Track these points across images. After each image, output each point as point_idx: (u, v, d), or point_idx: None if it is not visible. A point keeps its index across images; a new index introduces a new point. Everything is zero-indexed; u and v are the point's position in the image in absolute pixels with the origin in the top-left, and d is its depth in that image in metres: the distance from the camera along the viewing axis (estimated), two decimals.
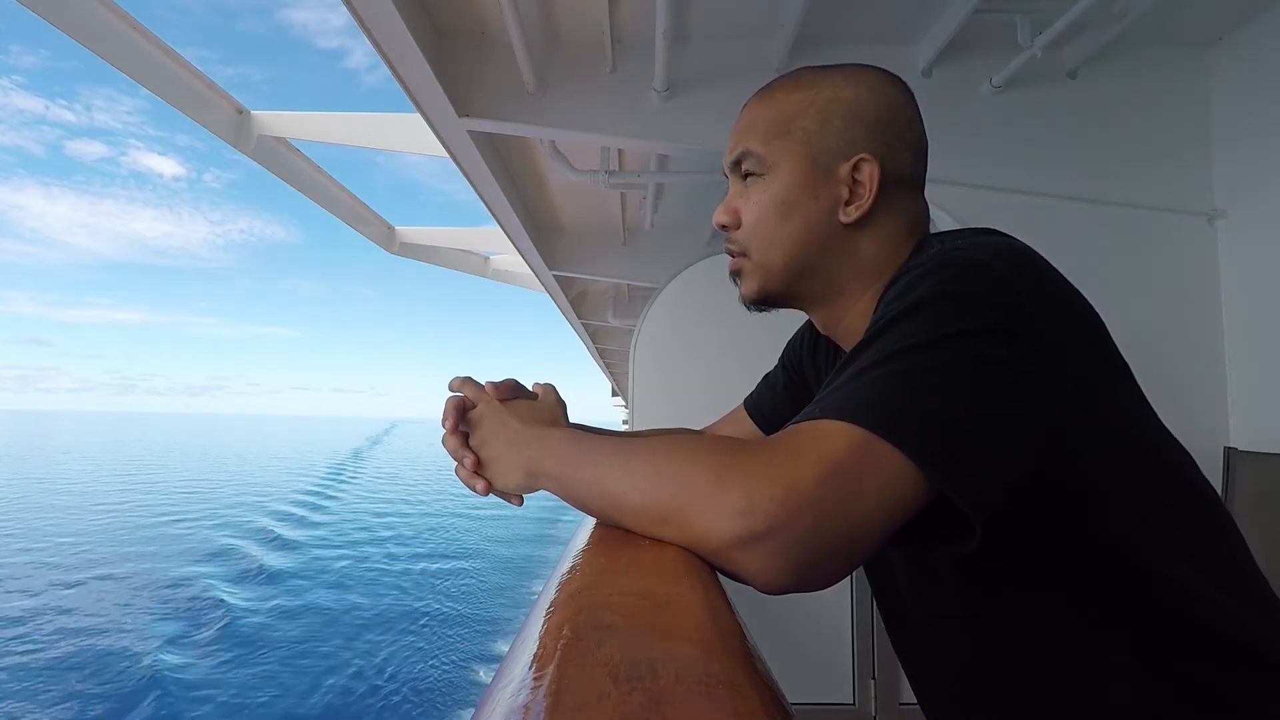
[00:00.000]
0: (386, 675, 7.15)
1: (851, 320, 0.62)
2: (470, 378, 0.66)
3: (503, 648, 7.75)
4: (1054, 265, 0.51)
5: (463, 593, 10.60)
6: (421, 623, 8.83)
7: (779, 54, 1.84)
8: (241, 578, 11.01)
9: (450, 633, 8.50)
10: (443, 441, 0.63)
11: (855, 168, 0.58)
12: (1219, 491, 1.73)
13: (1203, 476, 0.52)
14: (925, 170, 0.63)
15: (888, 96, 0.60)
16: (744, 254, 0.63)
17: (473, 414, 0.63)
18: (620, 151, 2.65)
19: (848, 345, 0.65)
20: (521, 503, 0.61)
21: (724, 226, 0.64)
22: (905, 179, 0.60)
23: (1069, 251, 1.88)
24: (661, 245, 3.79)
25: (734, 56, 1.92)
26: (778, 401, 0.82)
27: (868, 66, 0.62)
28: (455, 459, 0.62)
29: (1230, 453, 1.76)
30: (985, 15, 1.70)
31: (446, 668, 7.45)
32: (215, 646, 7.96)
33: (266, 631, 8.45)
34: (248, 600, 9.76)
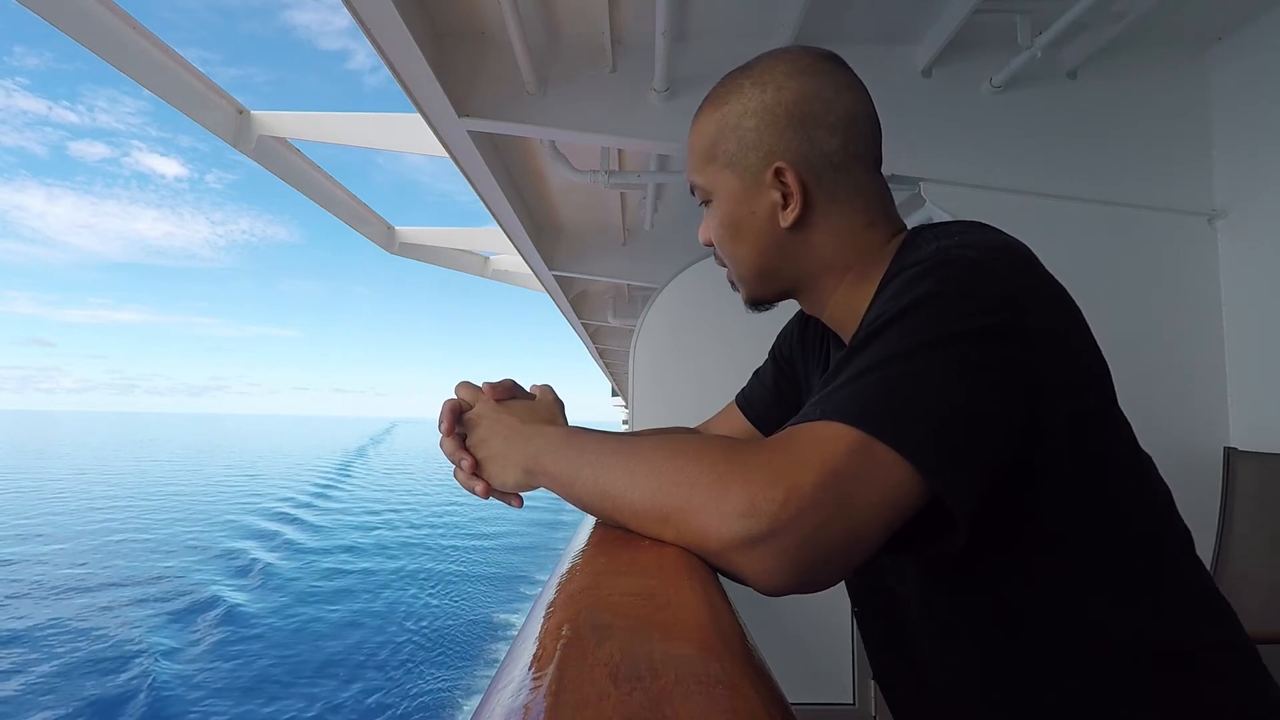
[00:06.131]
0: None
1: (835, 305, 0.63)
2: (468, 381, 0.66)
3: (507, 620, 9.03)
4: (1053, 265, 0.51)
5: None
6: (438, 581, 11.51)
7: None
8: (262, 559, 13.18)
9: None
10: (440, 445, 0.63)
11: (776, 174, 0.58)
12: (1219, 491, 1.73)
13: (1164, 484, 0.54)
14: (867, 141, 0.60)
15: (796, 87, 0.58)
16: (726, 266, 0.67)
17: (469, 415, 0.63)
18: (620, 151, 2.65)
19: (837, 328, 0.66)
20: (521, 504, 0.61)
21: (709, 245, 0.68)
22: (840, 162, 0.59)
23: (1069, 251, 1.89)
24: (661, 245, 3.79)
25: (734, 56, 1.91)
26: (767, 395, 0.83)
27: (779, 56, 0.61)
28: (452, 461, 0.61)
29: (1230, 453, 1.76)
30: (985, 15, 1.70)
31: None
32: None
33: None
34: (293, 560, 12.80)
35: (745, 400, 0.86)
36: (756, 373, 0.86)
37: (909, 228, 0.62)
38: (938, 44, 1.80)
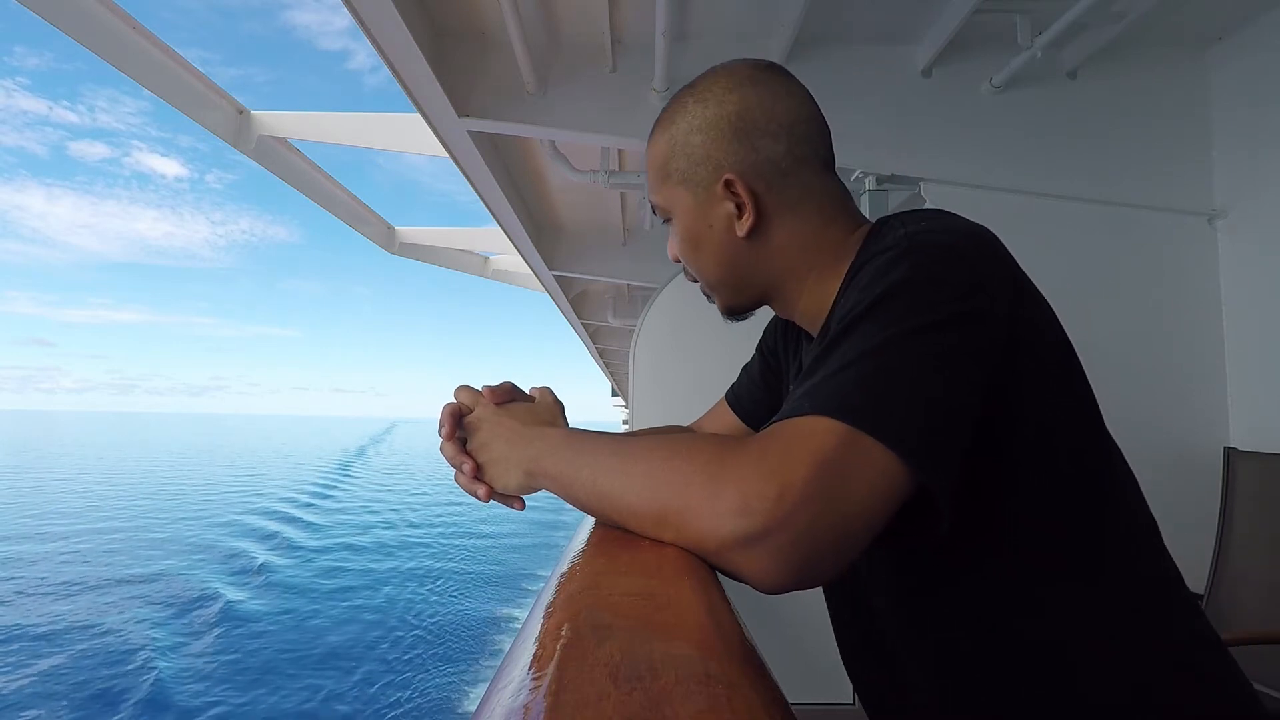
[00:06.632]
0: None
1: (804, 306, 0.63)
2: (467, 385, 0.66)
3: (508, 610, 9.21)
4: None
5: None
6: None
7: (779, 54, 1.84)
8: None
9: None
10: (441, 449, 0.62)
11: (726, 186, 0.60)
12: (1219, 491, 1.73)
13: (1130, 472, 0.55)
14: (813, 143, 0.61)
15: (737, 99, 0.60)
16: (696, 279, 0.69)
17: (470, 419, 0.63)
18: (620, 151, 2.65)
19: (809, 326, 0.66)
20: (523, 506, 0.61)
21: (677, 260, 0.69)
22: (787, 167, 0.60)
23: (1069, 251, 1.89)
24: (661, 245, 3.78)
25: (734, 57, 1.92)
26: (755, 390, 0.83)
27: (719, 71, 0.63)
28: (453, 465, 0.61)
29: (1230, 453, 1.76)
30: (985, 15, 1.70)
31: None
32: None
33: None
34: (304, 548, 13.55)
35: (734, 396, 0.86)
36: (745, 368, 0.87)
37: (873, 221, 0.62)
38: (938, 44, 1.80)
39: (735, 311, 0.68)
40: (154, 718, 6.08)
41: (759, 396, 0.82)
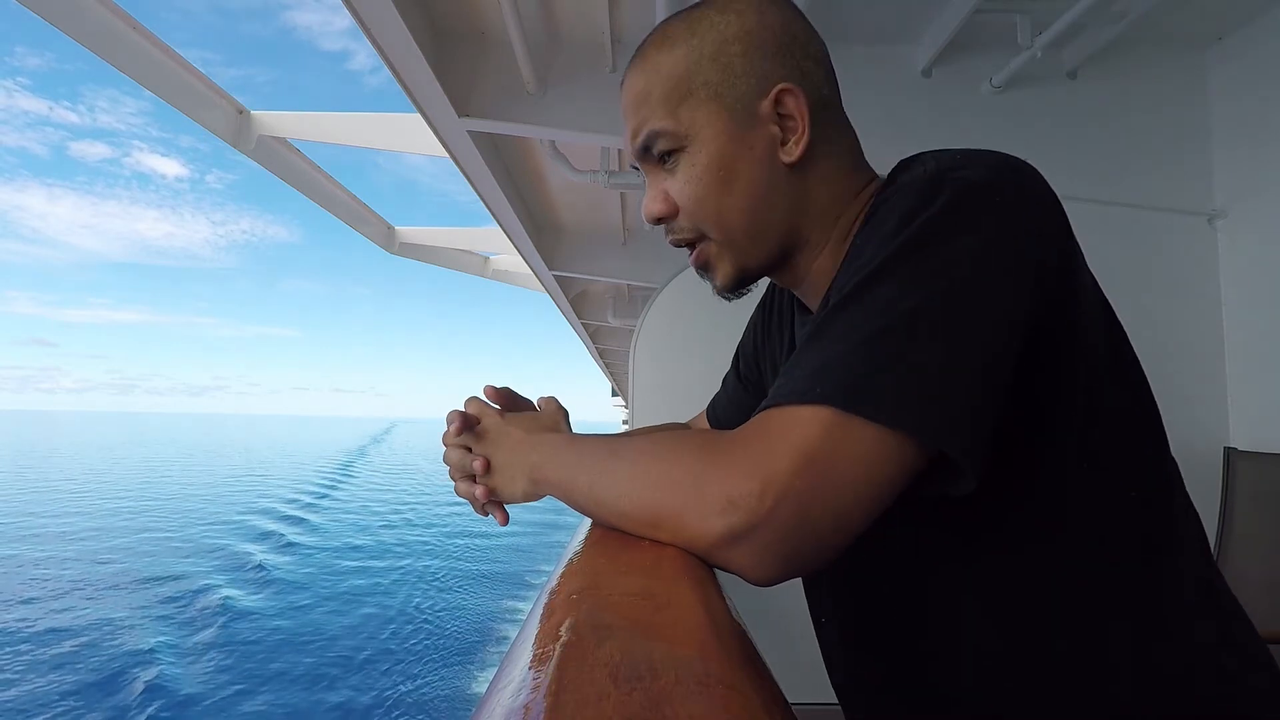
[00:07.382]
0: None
1: (816, 269, 0.56)
2: (475, 396, 0.65)
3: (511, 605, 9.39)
4: None
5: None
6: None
7: None
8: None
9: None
10: (444, 459, 0.62)
11: (777, 101, 0.51)
12: (1219, 491, 1.73)
13: (1175, 465, 0.51)
14: (836, 82, 0.56)
15: (776, 13, 0.53)
16: (701, 237, 0.56)
17: (477, 428, 0.63)
18: (620, 151, 2.65)
19: (811, 297, 0.59)
20: (506, 521, 0.61)
21: (661, 218, 0.56)
22: (826, 100, 0.54)
23: None
24: (661, 245, 3.78)
25: None
26: (730, 405, 0.82)
27: None
28: (459, 471, 0.61)
29: (1230, 453, 1.76)
30: (985, 15, 1.70)
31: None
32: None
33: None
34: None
35: (711, 409, 0.86)
36: (724, 379, 0.85)
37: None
38: (938, 44, 1.80)
39: (747, 275, 0.57)
40: (158, 704, 6.21)
41: (730, 409, 0.82)
